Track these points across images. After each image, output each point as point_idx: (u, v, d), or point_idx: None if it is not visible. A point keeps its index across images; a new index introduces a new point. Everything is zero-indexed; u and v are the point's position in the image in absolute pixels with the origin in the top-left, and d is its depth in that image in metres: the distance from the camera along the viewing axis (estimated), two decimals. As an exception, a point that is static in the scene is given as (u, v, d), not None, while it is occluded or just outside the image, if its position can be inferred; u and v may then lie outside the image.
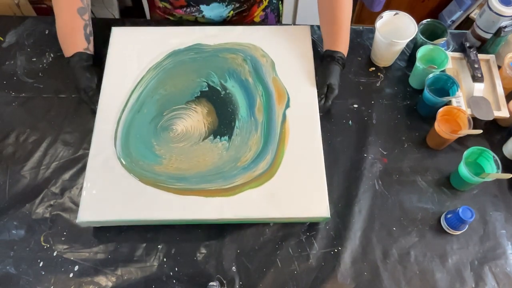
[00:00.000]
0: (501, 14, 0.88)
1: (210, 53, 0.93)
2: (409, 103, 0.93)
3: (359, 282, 0.74)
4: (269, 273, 0.75)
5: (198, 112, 0.86)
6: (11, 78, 0.93)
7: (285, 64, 0.91)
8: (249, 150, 0.81)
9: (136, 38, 0.94)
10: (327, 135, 0.87)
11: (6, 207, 0.79)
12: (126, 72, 0.89)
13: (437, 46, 0.89)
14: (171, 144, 0.82)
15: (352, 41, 1.01)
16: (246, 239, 0.77)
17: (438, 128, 0.81)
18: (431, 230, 0.79)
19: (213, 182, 0.78)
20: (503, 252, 0.77)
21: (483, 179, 0.75)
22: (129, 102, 0.86)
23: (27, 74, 0.94)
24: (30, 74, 0.94)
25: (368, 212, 0.80)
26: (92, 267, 0.75)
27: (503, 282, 0.75)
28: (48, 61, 0.95)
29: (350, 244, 0.77)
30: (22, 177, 0.82)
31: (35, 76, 0.94)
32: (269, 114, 0.85)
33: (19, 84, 0.92)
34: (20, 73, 0.94)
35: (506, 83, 0.90)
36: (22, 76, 0.93)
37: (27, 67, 0.95)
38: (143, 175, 0.78)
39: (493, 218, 0.80)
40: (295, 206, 0.76)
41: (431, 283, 0.74)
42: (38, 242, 0.76)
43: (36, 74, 0.94)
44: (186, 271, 0.75)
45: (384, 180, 0.83)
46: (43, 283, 0.73)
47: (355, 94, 0.93)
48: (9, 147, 0.85)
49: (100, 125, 0.83)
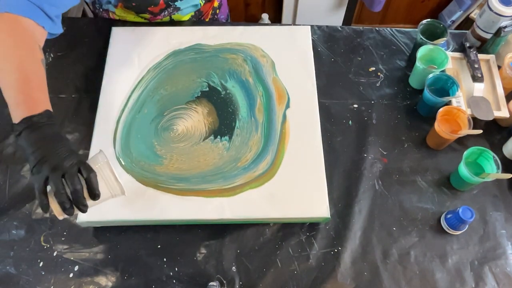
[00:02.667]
0: (501, 14, 0.88)
1: (210, 53, 0.93)
2: (409, 103, 0.93)
3: (359, 282, 0.74)
4: (269, 273, 0.75)
5: (199, 112, 0.86)
6: (11, 78, 0.93)
7: (285, 64, 0.91)
8: (249, 150, 0.81)
9: (136, 38, 0.94)
10: (327, 135, 0.87)
11: (6, 207, 0.79)
12: (126, 72, 0.89)
13: (437, 46, 0.90)
14: (172, 144, 0.82)
15: (352, 41, 1.01)
16: (246, 239, 0.77)
17: (438, 128, 0.81)
18: (431, 230, 0.79)
19: (213, 183, 0.78)
20: (503, 252, 0.77)
21: (483, 179, 0.75)
22: (129, 102, 0.86)
23: (27, 74, 0.94)
24: (30, 74, 0.94)
25: (368, 212, 0.80)
26: (92, 267, 0.75)
27: (503, 282, 0.75)
28: (48, 61, 0.95)
29: (350, 244, 0.77)
30: (22, 177, 0.82)
31: (35, 76, 0.93)
32: (269, 114, 0.85)
33: (19, 84, 0.92)
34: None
35: (506, 83, 0.90)
36: (22, 76, 0.93)
37: (27, 67, 0.94)
38: (143, 175, 0.78)
39: (493, 218, 0.80)
40: (295, 206, 0.76)
41: (431, 283, 0.74)
42: (38, 242, 0.76)
43: (36, 74, 0.94)
44: (186, 271, 0.75)
45: (384, 180, 0.83)
46: (43, 283, 0.73)
47: (355, 94, 0.93)
48: (9, 147, 0.85)
49: (100, 125, 0.83)
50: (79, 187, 0.56)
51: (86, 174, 0.57)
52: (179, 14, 0.99)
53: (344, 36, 1.02)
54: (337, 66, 0.97)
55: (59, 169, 0.55)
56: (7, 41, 0.63)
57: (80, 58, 0.96)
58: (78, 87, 0.92)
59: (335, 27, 1.03)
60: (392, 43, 1.01)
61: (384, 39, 1.02)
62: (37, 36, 0.67)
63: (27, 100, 0.60)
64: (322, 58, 0.98)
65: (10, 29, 0.64)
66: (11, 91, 0.60)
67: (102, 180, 0.60)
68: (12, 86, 0.60)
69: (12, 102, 0.60)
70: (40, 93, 0.62)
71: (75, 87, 0.92)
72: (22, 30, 0.64)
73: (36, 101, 0.60)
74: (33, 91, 0.61)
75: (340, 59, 0.98)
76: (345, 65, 0.97)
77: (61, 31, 0.71)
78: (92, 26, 1.01)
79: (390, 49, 1.00)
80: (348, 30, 1.03)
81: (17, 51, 0.63)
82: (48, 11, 0.67)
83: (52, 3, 0.68)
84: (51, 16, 0.68)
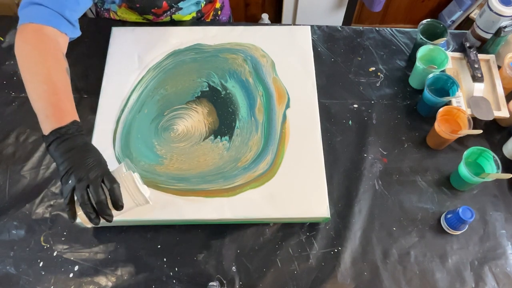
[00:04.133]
0: (501, 14, 0.88)
1: (210, 53, 0.93)
2: (409, 103, 0.93)
3: (359, 282, 0.74)
4: (269, 273, 0.75)
5: (199, 112, 0.86)
6: (11, 78, 0.93)
7: (285, 64, 0.91)
8: (249, 150, 0.81)
9: (136, 38, 0.94)
10: (327, 135, 0.87)
11: (6, 207, 0.79)
12: (126, 72, 0.89)
13: (437, 46, 0.90)
14: (172, 144, 0.82)
15: (352, 41, 1.01)
16: (246, 239, 0.77)
17: (438, 128, 0.81)
18: (431, 230, 0.79)
19: (213, 183, 0.78)
20: (503, 252, 0.77)
21: (483, 179, 0.75)
22: (129, 102, 0.86)
23: (27, 74, 0.94)
24: (30, 74, 0.94)
25: (368, 212, 0.80)
26: (92, 267, 0.75)
27: (503, 282, 0.75)
28: (48, 61, 0.95)
29: (350, 244, 0.77)
30: (22, 177, 0.82)
31: (35, 76, 0.94)
32: (269, 114, 0.85)
33: (19, 84, 0.92)
34: (20, 73, 0.93)
35: (506, 83, 0.90)
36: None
37: (27, 67, 0.94)
38: (143, 175, 0.78)
39: (493, 218, 0.80)
40: (295, 206, 0.76)
41: (431, 283, 0.74)
42: (38, 242, 0.76)
43: (36, 74, 0.94)
44: (186, 271, 0.75)
45: (384, 180, 0.83)
46: (43, 283, 0.73)
47: (355, 94, 0.93)
48: (9, 147, 0.85)
49: (100, 125, 0.83)
50: (102, 197, 0.58)
51: (109, 186, 0.59)
52: (180, 14, 0.99)
53: (344, 36, 1.02)
54: (337, 66, 0.98)
55: (84, 180, 0.58)
56: (34, 53, 0.65)
57: (80, 58, 0.95)
58: (78, 87, 0.92)
59: (335, 27, 1.03)
60: (392, 43, 1.01)
61: (384, 39, 1.02)
62: (61, 43, 0.69)
63: (55, 111, 0.62)
64: (322, 58, 0.98)
65: (36, 40, 0.66)
66: (39, 103, 0.63)
67: (125, 191, 0.62)
68: (41, 98, 0.63)
69: (41, 114, 0.62)
70: (67, 103, 0.64)
71: (75, 87, 0.92)
72: (47, 39, 0.66)
73: (64, 112, 0.63)
74: (61, 102, 0.63)
75: (340, 59, 0.98)
76: (345, 65, 0.97)
77: (80, 33, 0.74)
78: (92, 26, 1.01)
79: (390, 49, 1.00)
80: (348, 30, 1.03)
81: (44, 62, 0.65)
82: (69, 17, 0.69)
83: (73, 8, 0.70)
84: (72, 22, 0.70)
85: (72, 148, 0.60)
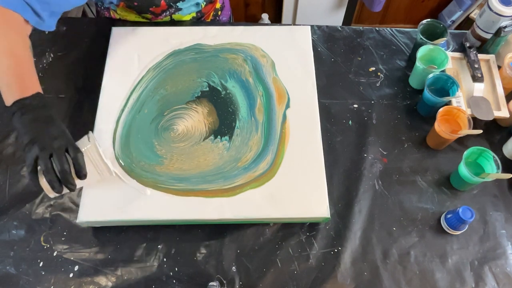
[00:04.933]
0: (501, 14, 0.88)
1: (210, 53, 0.93)
2: (409, 103, 0.93)
3: (359, 282, 0.74)
4: (269, 273, 0.75)
5: (199, 112, 0.86)
6: (11, 78, 0.93)
7: (285, 64, 0.91)
8: (249, 150, 0.81)
9: (136, 38, 0.94)
10: (327, 135, 0.87)
11: (6, 207, 0.79)
12: (126, 72, 0.89)
13: (437, 46, 0.90)
14: (172, 144, 0.82)
15: (352, 41, 1.01)
16: (246, 239, 0.77)
17: (438, 128, 0.81)
18: (431, 230, 0.79)
19: (213, 183, 0.78)
20: (503, 252, 0.77)
21: (483, 179, 0.75)
22: (129, 102, 0.86)
23: (27, 74, 0.94)
24: (30, 74, 0.94)
25: (368, 212, 0.80)
26: (92, 267, 0.75)
27: (503, 282, 0.75)
28: (48, 61, 0.95)
29: (350, 244, 0.77)
30: (22, 177, 0.82)
31: (35, 76, 0.94)
32: (269, 114, 0.85)
33: (19, 84, 0.92)
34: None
35: (506, 83, 0.90)
36: (22, 76, 0.93)
37: (27, 67, 0.94)
38: (143, 176, 0.78)
39: (493, 218, 0.80)
40: (295, 206, 0.76)
41: (431, 283, 0.74)
42: (38, 242, 0.76)
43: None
44: (186, 271, 0.75)
45: (384, 180, 0.83)
46: (43, 283, 0.73)
47: (355, 94, 0.93)
48: (9, 147, 0.85)
49: (100, 125, 0.83)
50: (66, 166, 0.59)
51: (73, 154, 0.60)
52: (180, 14, 0.99)
53: (344, 36, 1.02)
54: (337, 66, 0.98)
55: (47, 149, 0.59)
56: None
57: (80, 58, 0.96)
58: (78, 87, 0.92)
59: (335, 27, 1.03)
60: (392, 43, 1.01)
61: (384, 39, 1.02)
62: (25, 28, 0.70)
63: (18, 83, 0.63)
64: (322, 58, 0.98)
65: (0, 19, 0.67)
66: (2, 74, 0.63)
67: (89, 161, 0.62)
68: (3, 70, 0.63)
69: (4, 85, 0.63)
70: (31, 76, 0.65)
71: (75, 87, 0.92)
72: (11, 19, 0.67)
73: (27, 85, 0.63)
74: (25, 75, 0.64)
75: (340, 59, 0.98)
76: (345, 65, 0.97)
77: (52, 28, 0.74)
78: (92, 26, 1.01)
79: (390, 49, 1.00)
80: (348, 30, 1.03)
81: (6, 38, 0.66)
82: (38, 8, 0.70)
83: (45, 1, 0.70)
84: (39, 13, 0.70)
85: (36, 119, 0.61)
